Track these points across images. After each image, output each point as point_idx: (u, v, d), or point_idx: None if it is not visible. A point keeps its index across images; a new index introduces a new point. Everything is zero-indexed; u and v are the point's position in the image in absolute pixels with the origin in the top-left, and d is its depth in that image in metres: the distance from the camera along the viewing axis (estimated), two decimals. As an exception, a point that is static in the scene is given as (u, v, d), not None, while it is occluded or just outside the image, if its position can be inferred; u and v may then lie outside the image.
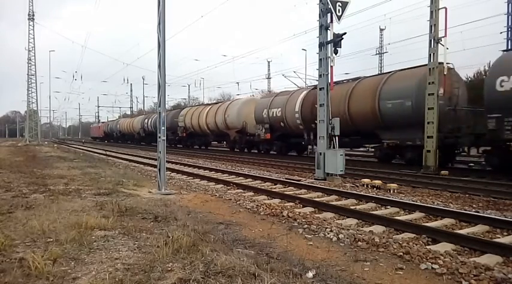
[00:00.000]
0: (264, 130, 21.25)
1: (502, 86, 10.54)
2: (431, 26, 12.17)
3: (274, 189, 9.26)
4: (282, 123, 19.89)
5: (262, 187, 9.32)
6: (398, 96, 13.42)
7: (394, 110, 13.47)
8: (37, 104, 50.10)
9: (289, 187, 9.44)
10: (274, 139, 21.27)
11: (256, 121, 22.25)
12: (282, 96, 21.02)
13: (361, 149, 21.69)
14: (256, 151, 24.18)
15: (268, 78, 53.57)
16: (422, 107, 12.23)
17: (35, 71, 47.29)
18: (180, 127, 31.91)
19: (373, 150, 14.75)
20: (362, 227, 5.54)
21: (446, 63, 12.42)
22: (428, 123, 12.01)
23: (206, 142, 31.74)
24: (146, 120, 40.22)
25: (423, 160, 12.24)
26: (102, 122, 69.61)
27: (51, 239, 4.15)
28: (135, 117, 48.70)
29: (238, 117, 24.47)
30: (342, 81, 17.32)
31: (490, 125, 10.95)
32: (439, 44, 11.99)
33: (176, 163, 16.48)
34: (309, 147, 20.14)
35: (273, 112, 20.49)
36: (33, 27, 45.89)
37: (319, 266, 3.65)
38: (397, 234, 5.14)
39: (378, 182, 9.42)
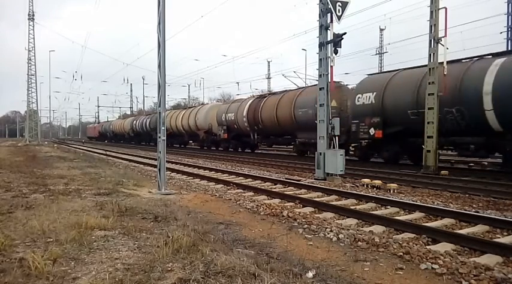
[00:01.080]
0: (223, 131, 25.75)
1: (358, 101, 15.23)
2: (431, 26, 12.16)
3: (274, 189, 9.26)
4: (235, 125, 24.39)
5: (262, 187, 9.32)
6: (305, 106, 17.89)
7: (305, 116, 17.77)
8: (37, 104, 50.20)
9: (289, 187, 9.44)
10: (231, 138, 25.83)
11: (218, 124, 26.70)
12: (235, 103, 25.91)
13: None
14: (222, 149, 27.92)
15: (268, 78, 53.69)
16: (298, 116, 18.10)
17: (35, 71, 47.39)
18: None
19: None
20: (362, 227, 5.54)
21: (338, 82, 16.69)
22: (428, 123, 12.00)
23: (183, 141, 35.27)
24: (134, 122, 44.46)
25: (423, 160, 12.24)
26: (98, 123, 73.72)
27: (51, 239, 4.15)
28: (126, 119, 52.86)
29: (205, 120, 28.79)
30: (275, 92, 23.38)
31: (352, 128, 15.49)
32: (439, 44, 11.99)
33: (176, 163, 16.48)
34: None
35: (229, 116, 24.99)
36: (33, 27, 46.00)
37: (319, 266, 3.65)
38: (397, 234, 5.14)
39: (377, 182, 9.42)
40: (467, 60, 12.44)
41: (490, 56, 11.86)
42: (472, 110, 11.31)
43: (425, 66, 12.49)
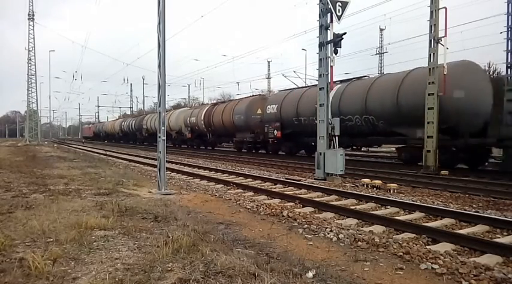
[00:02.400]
0: (188, 131, 31.32)
1: (268, 110, 21.01)
2: (431, 26, 12.16)
3: (274, 188, 9.26)
4: (196, 127, 30.04)
5: (262, 187, 9.32)
6: (240, 113, 23.74)
7: (240, 121, 23.71)
8: (37, 104, 50.20)
9: (289, 187, 9.44)
10: (194, 138, 31.43)
11: (185, 126, 31.88)
12: (197, 109, 31.96)
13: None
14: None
15: (268, 78, 53.63)
16: (250, 120, 22.82)
17: (35, 71, 47.40)
18: (144, 129, 40.63)
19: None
20: (362, 227, 5.54)
21: (263, 94, 23.25)
22: (428, 123, 12.01)
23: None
24: (123, 123, 50.30)
25: (423, 160, 12.24)
26: (92, 124, 79.19)
27: (51, 239, 4.15)
28: (116, 121, 59.09)
29: (177, 122, 33.82)
30: (224, 101, 31.50)
31: (265, 130, 20.76)
32: (439, 44, 11.99)
33: (176, 163, 16.49)
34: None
35: (192, 120, 30.45)
36: (33, 27, 45.98)
37: (319, 266, 3.65)
38: (397, 234, 5.14)
39: (377, 182, 9.42)
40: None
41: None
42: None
43: (304, 87, 19.34)
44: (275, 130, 19.97)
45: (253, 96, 26.60)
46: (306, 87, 21.20)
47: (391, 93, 13.66)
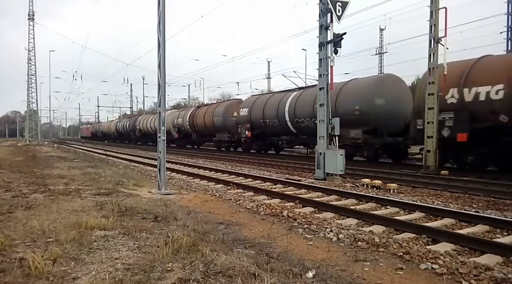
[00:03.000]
0: (176, 132, 34.10)
1: (241, 112, 23.57)
2: (431, 26, 12.16)
3: (274, 188, 9.26)
4: (183, 128, 32.91)
5: (262, 187, 9.32)
6: (219, 115, 26.57)
7: (218, 122, 26.55)
8: (37, 104, 50.13)
9: (289, 187, 9.44)
10: (181, 138, 34.37)
11: (173, 126, 34.37)
12: (183, 111, 35.08)
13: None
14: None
15: (268, 78, 53.64)
16: (227, 122, 25.58)
17: (35, 71, 47.29)
18: (137, 129, 43.85)
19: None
20: (362, 227, 5.54)
21: (238, 99, 25.76)
22: (428, 123, 12.01)
23: (152, 139, 45.48)
24: (118, 124, 53.95)
25: (423, 160, 12.24)
26: (90, 124, 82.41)
27: (51, 239, 4.15)
28: (112, 121, 62.41)
29: (166, 123, 35.11)
30: (206, 104, 35.22)
31: (239, 130, 23.52)
32: (439, 44, 11.99)
33: (176, 163, 16.48)
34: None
35: (179, 121, 33.35)
36: (33, 27, 45.91)
37: (319, 266, 3.65)
38: (397, 234, 5.14)
39: (377, 182, 9.42)
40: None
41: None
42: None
43: (269, 92, 23.27)
44: (246, 131, 22.73)
45: (230, 100, 31.36)
46: (271, 93, 26.19)
47: (331, 100, 14.58)
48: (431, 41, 12.14)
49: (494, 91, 10.88)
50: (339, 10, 10.23)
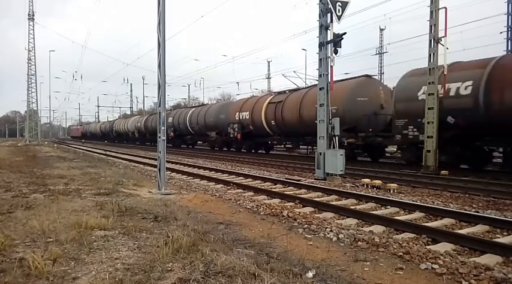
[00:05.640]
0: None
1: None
2: (431, 26, 12.15)
3: (274, 188, 9.26)
4: (141, 129, 40.20)
5: (262, 187, 9.32)
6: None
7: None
8: (37, 104, 50.22)
9: (289, 187, 9.43)
10: (140, 137, 41.99)
11: (135, 128, 41.97)
12: (142, 117, 41.59)
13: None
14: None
15: (268, 78, 53.69)
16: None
17: (35, 71, 47.38)
18: (114, 131, 51.96)
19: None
20: (362, 227, 5.54)
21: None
22: (428, 123, 12.01)
23: (124, 138, 50.67)
24: (102, 126, 63.86)
25: (423, 160, 12.23)
26: (80, 125, 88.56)
27: (51, 239, 4.15)
28: (99, 123, 72.68)
29: (130, 126, 45.43)
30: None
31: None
32: (439, 44, 11.98)
33: (176, 163, 16.48)
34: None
35: (138, 124, 40.46)
36: (33, 27, 45.96)
37: (319, 266, 3.65)
38: (397, 234, 5.14)
39: (377, 182, 9.42)
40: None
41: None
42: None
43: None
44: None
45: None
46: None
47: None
48: (431, 41, 12.13)
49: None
50: (339, 10, 10.23)
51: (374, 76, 18.40)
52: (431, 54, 12.12)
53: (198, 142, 34.91)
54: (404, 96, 13.54)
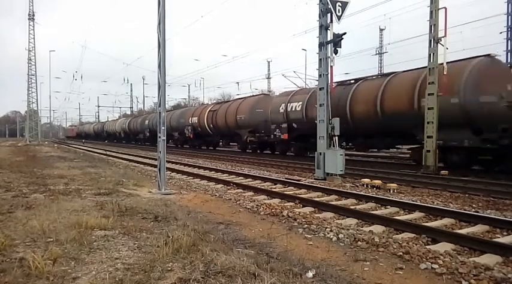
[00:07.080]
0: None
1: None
2: (431, 26, 12.15)
3: (274, 188, 9.26)
4: (124, 130, 44.63)
5: (262, 187, 9.32)
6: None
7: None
8: (37, 104, 50.21)
9: (289, 187, 9.44)
10: (126, 137, 46.09)
11: (121, 129, 45.86)
12: (127, 119, 46.00)
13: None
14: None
15: (268, 78, 53.57)
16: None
17: (35, 71, 47.38)
18: (105, 131, 56.68)
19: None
20: (362, 227, 5.54)
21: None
22: (428, 123, 12.01)
23: (114, 138, 54.72)
24: (94, 126, 69.47)
25: (423, 160, 12.23)
26: (75, 126, 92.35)
27: (51, 239, 4.15)
28: (92, 124, 77.41)
29: (117, 127, 50.79)
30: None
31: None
32: (439, 44, 11.97)
33: (176, 163, 16.49)
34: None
35: (124, 126, 45.00)
36: (33, 27, 45.97)
37: (319, 266, 3.65)
38: (397, 234, 5.14)
39: (377, 182, 9.42)
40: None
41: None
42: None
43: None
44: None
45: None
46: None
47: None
48: (431, 41, 12.12)
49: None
50: (338, 10, 10.24)
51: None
52: (431, 54, 12.11)
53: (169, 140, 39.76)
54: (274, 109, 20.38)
